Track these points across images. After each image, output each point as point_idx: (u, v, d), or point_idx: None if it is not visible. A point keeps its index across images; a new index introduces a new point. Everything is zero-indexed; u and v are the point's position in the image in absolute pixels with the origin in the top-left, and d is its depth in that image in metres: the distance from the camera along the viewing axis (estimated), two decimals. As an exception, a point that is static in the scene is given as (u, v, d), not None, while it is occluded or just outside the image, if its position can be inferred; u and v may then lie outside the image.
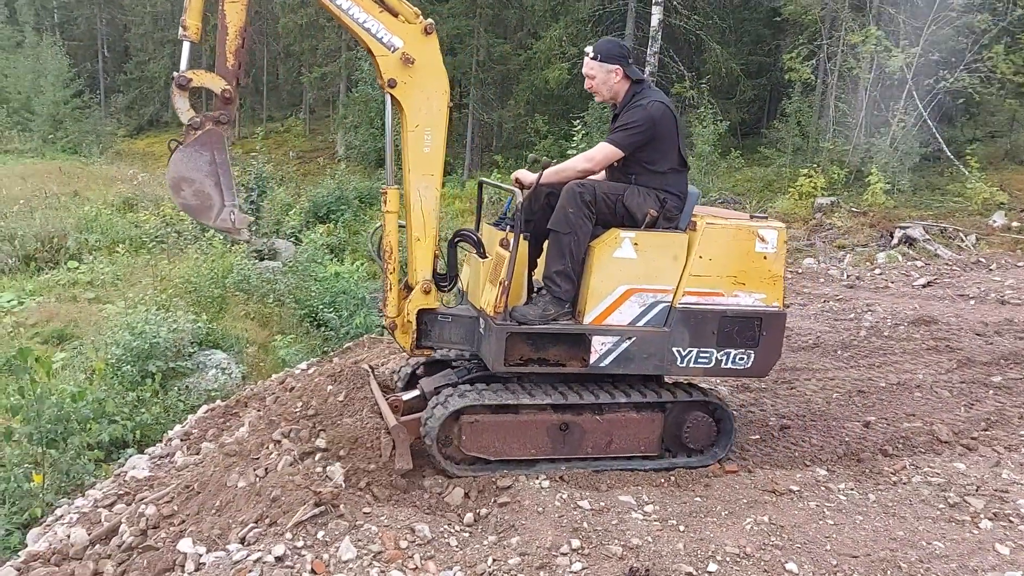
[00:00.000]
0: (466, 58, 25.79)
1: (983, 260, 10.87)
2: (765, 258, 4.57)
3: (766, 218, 4.70)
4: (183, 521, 4.32)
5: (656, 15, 20.93)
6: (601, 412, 4.62)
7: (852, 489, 4.54)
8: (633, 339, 4.45)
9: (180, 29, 4.04)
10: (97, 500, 5.52)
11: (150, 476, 5.79)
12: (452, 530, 3.91)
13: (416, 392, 4.92)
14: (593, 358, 4.43)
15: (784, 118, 21.89)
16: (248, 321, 12.42)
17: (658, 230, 4.49)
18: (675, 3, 22.44)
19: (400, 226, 4.58)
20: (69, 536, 4.92)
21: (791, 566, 3.73)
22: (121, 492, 5.52)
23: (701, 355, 4.56)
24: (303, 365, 8.24)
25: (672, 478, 4.59)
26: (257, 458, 4.73)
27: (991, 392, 6.03)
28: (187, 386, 9.36)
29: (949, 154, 19.79)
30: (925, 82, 19.71)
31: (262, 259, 16.23)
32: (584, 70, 4.71)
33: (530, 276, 4.74)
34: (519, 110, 25.29)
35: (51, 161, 28.48)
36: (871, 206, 16.86)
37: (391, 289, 4.58)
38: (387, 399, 4.82)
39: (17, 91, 35.70)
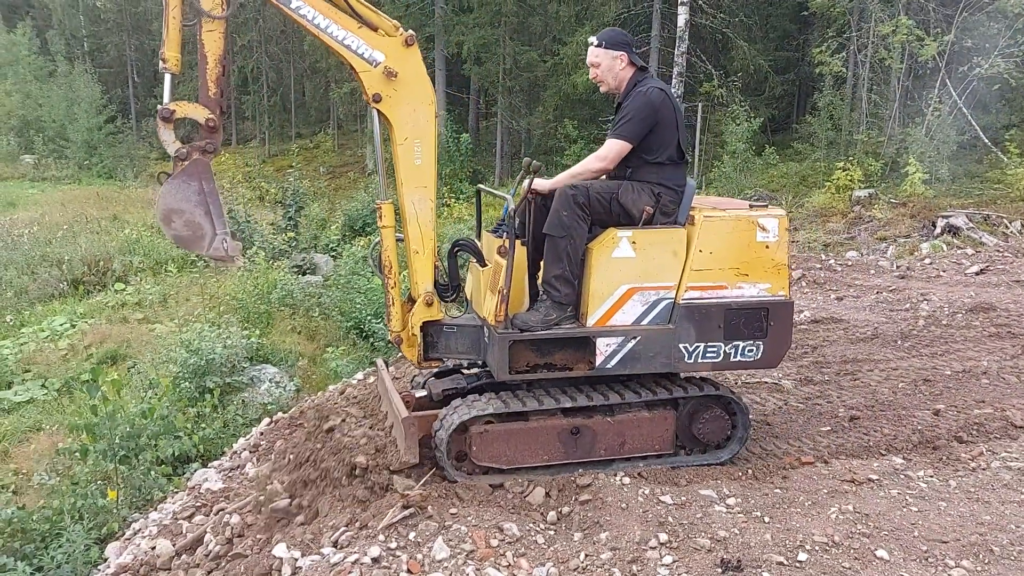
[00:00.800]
0: (493, 67, 25.92)
1: (1035, 245, 10.76)
2: (767, 247, 4.51)
3: (766, 206, 4.63)
4: (268, 528, 4.41)
5: (683, 15, 20.91)
6: (612, 413, 4.58)
7: (932, 476, 4.52)
8: (638, 338, 4.41)
9: (160, 62, 4.06)
10: (176, 513, 5.64)
11: (224, 488, 5.91)
12: (538, 528, 3.96)
13: (423, 392, 4.92)
14: (599, 360, 4.39)
15: (816, 112, 21.75)
16: (295, 335, 12.58)
17: (656, 226, 4.44)
18: (700, 2, 22.41)
19: (398, 239, 4.59)
20: (154, 548, 5.05)
21: (881, 553, 3.73)
22: (199, 504, 5.64)
23: (709, 350, 4.51)
24: (359, 375, 8.35)
25: (749, 471, 4.59)
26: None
27: (1060, 376, 5.97)
28: (243, 400, 9.51)
29: (987, 141, 19.55)
30: (959, 70, 19.49)
31: (303, 274, 16.44)
32: (589, 59, 4.65)
33: (533, 281, 4.69)
34: (548, 116, 25.36)
35: (88, 187, 29.04)
36: (910, 196, 16.69)
37: (394, 303, 4.60)
38: (401, 394, 4.83)
39: (52, 119, 36.40)
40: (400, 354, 6.44)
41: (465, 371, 5.11)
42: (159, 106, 4.07)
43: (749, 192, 17.89)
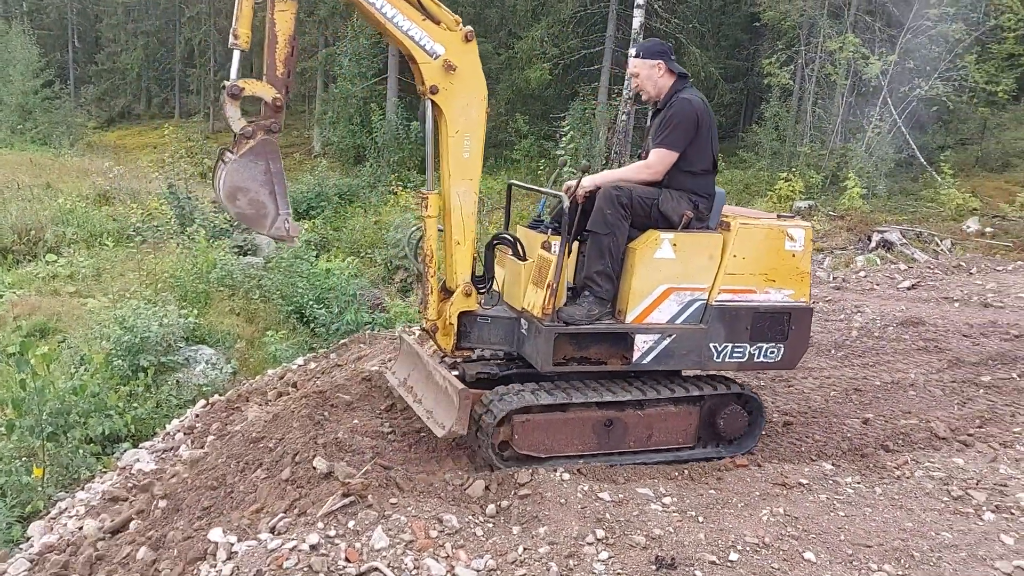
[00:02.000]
0: (447, 56, 25.78)
1: (963, 264, 11.15)
2: (794, 256, 4.75)
3: (793, 217, 4.90)
4: (206, 510, 4.34)
5: (638, 17, 21.10)
6: (642, 407, 4.72)
7: (859, 483, 4.68)
8: (673, 336, 4.58)
9: (231, 38, 4.01)
10: (104, 493, 5.50)
11: (157, 469, 5.79)
12: (477, 521, 3.97)
13: (456, 372, 4.91)
14: (635, 356, 4.54)
15: (762, 122, 22.21)
16: (234, 317, 12.35)
17: (692, 231, 4.62)
18: (656, 6, 22.65)
19: (439, 230, 4.64)
20: (81, 528, 4.92)
21: (809, 555, 3.85)
22: (130, 485, 5.52)
23: (736, 350, 4.71)
24: (300, 360, 8.26)
25: (686, 471, 4.68)
26: (273, 449, 4.76)
27: (981, 391, 6.22)
28: (177, 381, 9.32)
29: (922, 160, 20.23)
30: (900, 89, 20.11)
31: (244, 255, 16.14)
32: (629, 70, 4.87)
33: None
34: (499, 109, 25.34)
35: (21, 152, 28.00)
36: (848, 210, 17.19)
37: (432, 292, 4.63)
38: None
39: (-16, 80, 35.04)
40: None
41: (487, 357, 5.16)
42: (226, 82, 3.98)
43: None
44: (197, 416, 6.81)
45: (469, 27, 4.38)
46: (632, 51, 4.83)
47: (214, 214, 17.34)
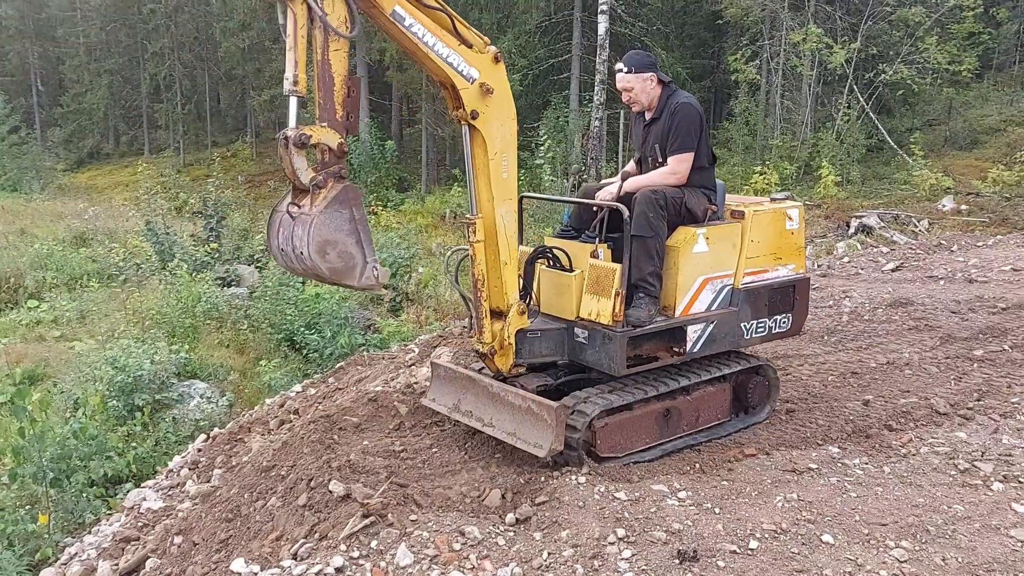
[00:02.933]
0: (416, 73, 25.86)
1: (944, 242, 11.32)
2: (792, 233, 5.27)
3: (784, 199, 5.32)
4: (223, 543, 4.33)
5: (602, 24, 21.28)
6: (689, 393, 5.04)
7: (867, 463, 4.75)
8: (715, 322, 4.93)
9: (287, 84, 3.79)
10: (115, 534, 5.47)
11: (165, 507, 5.76)
12: (498, 530, 3.99)
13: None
14: (688, 346, 4.83)
15: (732, 118, 22.44)
16: (224, 349, 12.30)
17: (714, 223, 4.96)
18: (620, 12, 22.85)
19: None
20: (95, 571, 4.90)
21: (827, 537, 3.91)
22: (140, 524, 5.49)
23: (759, 326, 5.16)
24: (297, 387, 8.23)
25: (697, 465, 4.73)
26: (285, 476, 4.76)
27: (975, 365, 6.32)
28: (173, 417, 9.27)
29: (892, 144, 20.52)
30: (865, 76, 20.42)
31: (227, 286, 16.07)
32: (619, 85, 5.00)
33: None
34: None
35: (-9, 200, 27.73)
36: (824, 198, 17.40)
37: (485, 316, 4.63)
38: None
39: (-50, 130, 34.69)
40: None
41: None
42: (289, 131, 3.76)
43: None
44: (199, 451, 6.77)
45: (495, 48, 4.40)
46: (621, 66, 4.95)
47: (194, 247, 17.27)
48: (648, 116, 5.08)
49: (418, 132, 27.68)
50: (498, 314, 4.64)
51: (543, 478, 4.50)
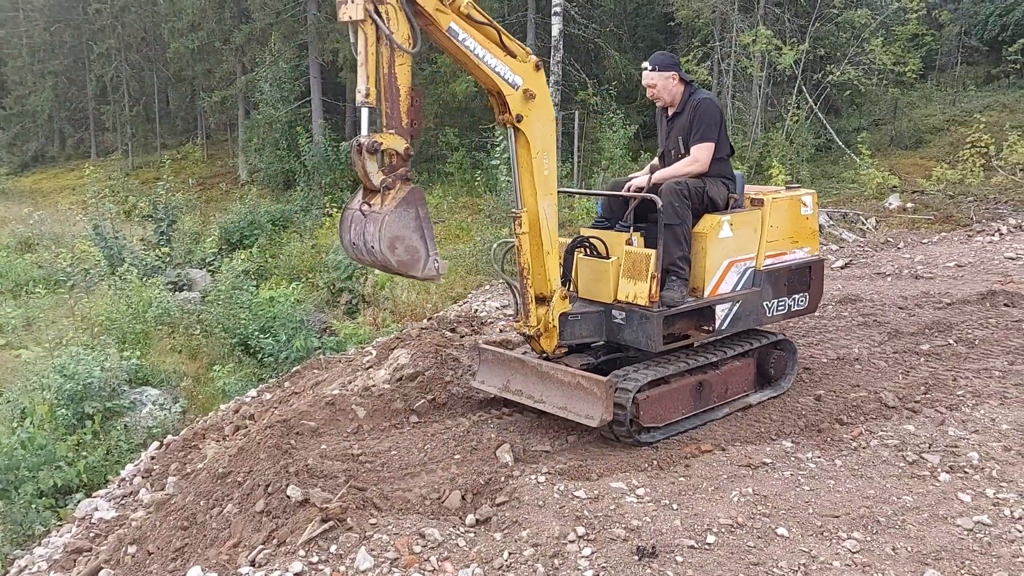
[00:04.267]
0: (369, 75, 25.66)
1: (891, 240, 11.58)
2: (807, 219, 5.70)
3: (798, 187, 5.87)
4: (179, 551, 4.27)
5: (556, 25, 21.38)
6: (718, 367, 5.40)
7: (819, 457, 4.85)
8: (740, 302, 5.34)
9: (360, 97, 4.19)
10: (66, 545, 5.36)
11: (118, 516, 5.66)
12: (458, 531, 4.00)
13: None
14: (717, 324, 5.23)
15: (685, 118, 22.66)
16: (176, 355, 12.12)
17: (735, 210, 5.36)
18: (573, 13, 22.97)
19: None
20: (47, 583, 4.79)
21: (781, 530, 3.99)
22: (92, 535, 5.38)
23: (779, 304, 5.59)
24: (252, 392, 8.13)
25: (655, 462, 4.78)
26: (242, 482, 4.70)
27: (922, 359, 6.48)
28: (125, 425, 9.11)
29: (840, 143, 20.94)
30: (813, 77, 20.80)
31: (179, 290, 15.83)
32: (645, 82, 5.38)
33: None
34: (428, 124, 25.34)
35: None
36: (775, 197, 17.65)
37: (531, 302, 5.01)
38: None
39: None
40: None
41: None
42: (362, 139, 4.17)
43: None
44: (153, 458, 6.66)
45: (536, 57, 4.84)
46: (646, 65, 5.36)
47: (144, 252, 16.96)
48: (671, 112, 5.50)
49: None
50: (542, 299, 5.05)
51: (503, 478, 4.51)
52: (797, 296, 5.68)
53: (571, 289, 5.33)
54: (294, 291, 13.01)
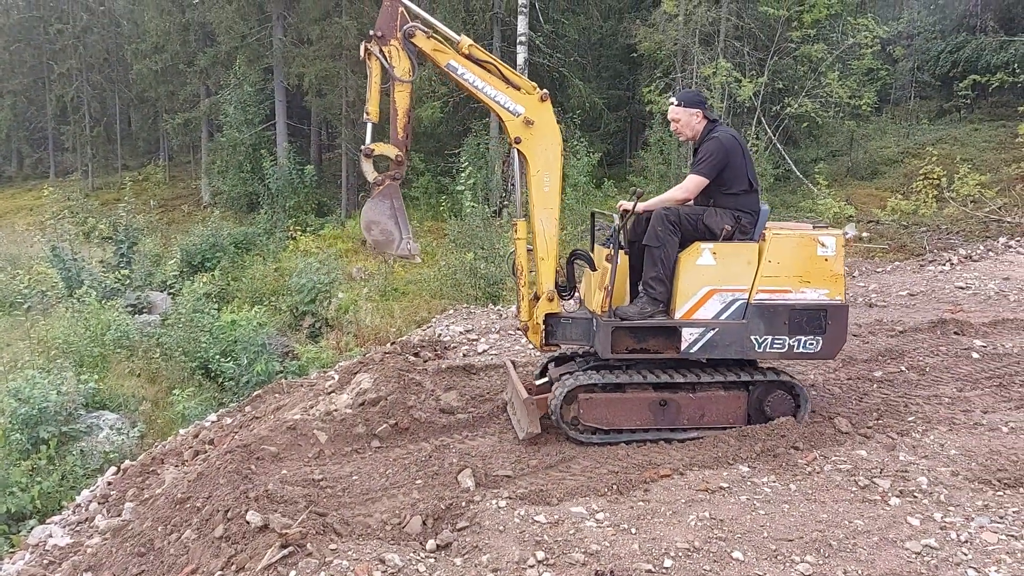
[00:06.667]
0: (335, 99, 25.73)
1: (846, 268, 11.84)
2: (826, 260, 5.50)
3: (826, 227, 5.72)
4: (136, 579, 4.23)
5: (521, 54, 21.66)
6: (695, 391, 5.50)
7: (774, 482, 4.94)
8: (716, 330, 5.38)
9: (364, 114, 5.33)
10: (19, 573, 5.26)
11: (73, 543, 5.57)
12: (419, 557, 4.01)
13: (545, 379, 5.93)
14: (684, 346, 5.37)
15: (647, 147, 23.02)
16: (135, 378, 11.96)
17: (735, 241, 5.44)
18: (538, 43, 23.28)
19: (528, 249, 5.63)
20: (-2, 612, 4.70)
21: (737, 554, 4.06)
22: (46, 562, 5.30)
23: (775, 341, 5.47)
24: (212, 417, 8.06)
25: (614, 486, 4.84)
26: (201, 508, 4.67)
27: (875, 386, 6.64)
28: (81, 450, 8.95)
29: (799, 173, 21.40)
30: (772, 109, 21.28)
31: (138, 313, 15.62)
32: (670, 115, 5.72)
33: (634, 283, 5.72)
34: (392, 149, 25.34)
35: None
36: (735, 225, 17.94)
37: (524, 299, 5.64)
38: (524, 383, 5.81)
39: None
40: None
41: (578, 359, 6.03)
42: (363, 146, 5.28)
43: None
44: (109, 484, 6.58)
45: (545, 90, 5.43)
46: (673, 100, 5.70)
47: (104, 273, 16.73)
48: (693, 145, 5.80)
49: (338, 157, 27.45)
50: (537, 299, 5.65)
51: (464, 503, 4.54)
52: (804, 338, 5.49)
53: (577, 297, 5.96)
54: (256, 314, 12.91)
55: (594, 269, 5.72)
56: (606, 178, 22.88)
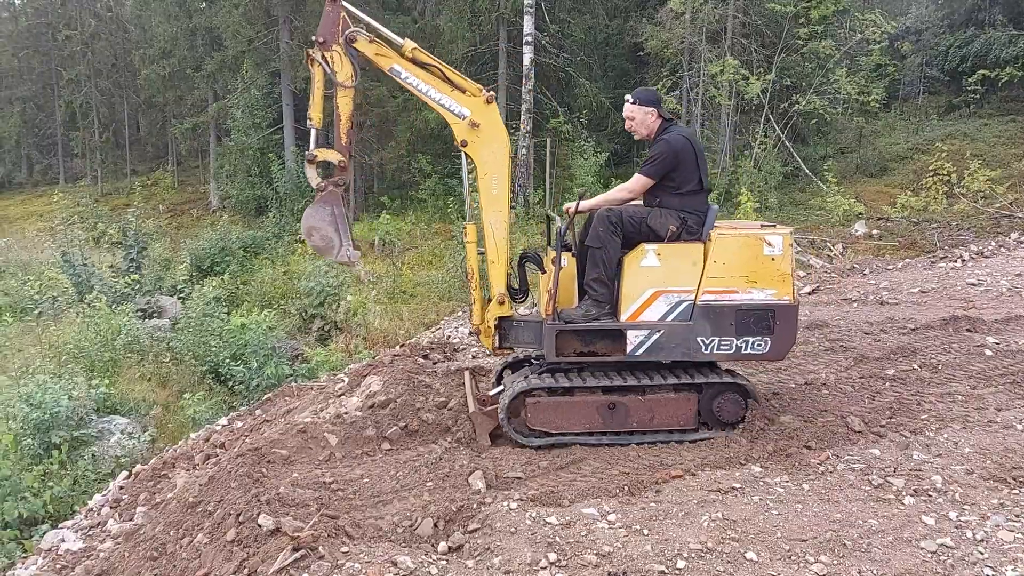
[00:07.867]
0: (341, 103, 25.73)
1: (857, 266, 11.79)
2: (773, 259, 5.36)
3: (773, 226, 5.51)
4: (148, 584, 4.23)
5: (527, 54, 21.66)
6: (644, 393, 5.41)
7: (787, 481, 4.91)
8: (662, 332, 5.31)
9: (308, 120, 5.29)
10: (32, 578, 5.28)
11: (86, 547, 5.59)
12: (431, 559, 4.00)
13: (500, 388, 5.81)
14: (629, 348, 5.30)
15: (655, 146, 22.98)
16: (146, 383, 11.98)
17: (681, 242, 5.31)
18: (544, 43, 23.27)
19: (480, 252, 5.60)
20: (11, 617, 4.71)
21: (750, 555, 4.03)
22: (58, 567, 5.31)
23: (722, 343, 5.38)
24: (223, 420, 8.08)
25: (625, 487, 4.82)
26: (212, 512, 4.67)
27: (888, 384, 6.60)
28: (93, 455, 8.98)
29: (807, 171, 21.33)
30: (780, 106, 21.22)
31: (148, 318, 15.67)
32: (625, 113, 5.61)
33: (581, 285, 5.61)
34: (400, 151, 25.44)
35: None
36: (744, 224, 17.90)
37: (475, 302, 5.65)
38: (475, 394, 5.81)
39: None
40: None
41: (532, 364, 5.96)
42: (306, 151, 5.30)
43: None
44: (121, 488, 6.59)
45: (491, 92, 5.44)
46: (629, 97, 5.58)
47: (113, 279, 16.79)
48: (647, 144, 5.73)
49: (345, 160, 27.44)
50: (490, 302, 5.61)
51: (475, 505, 4.53)
52: (752, 339, 5.38)
53: (531, 299, 5.82)
54: (266, 318, 12.93)
55: (544, 271, 5.66)
56: (614, 178, 22.80)
